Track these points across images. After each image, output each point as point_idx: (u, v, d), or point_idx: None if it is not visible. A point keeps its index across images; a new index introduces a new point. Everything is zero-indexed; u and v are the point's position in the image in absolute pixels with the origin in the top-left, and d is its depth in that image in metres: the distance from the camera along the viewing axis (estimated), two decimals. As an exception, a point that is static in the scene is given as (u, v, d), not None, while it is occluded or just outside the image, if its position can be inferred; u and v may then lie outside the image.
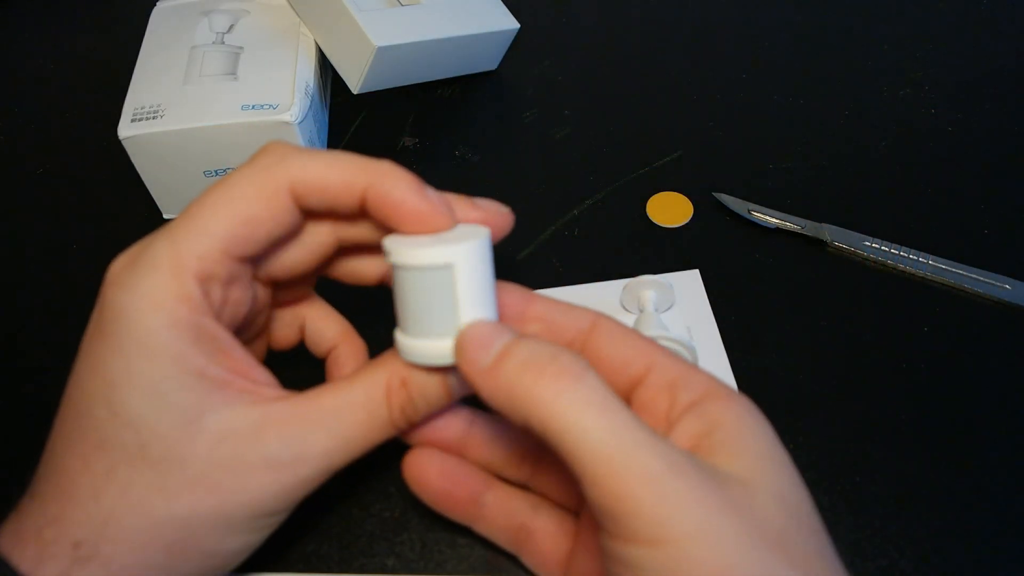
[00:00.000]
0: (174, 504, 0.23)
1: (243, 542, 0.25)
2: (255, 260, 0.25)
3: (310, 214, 0.25)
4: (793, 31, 0.51)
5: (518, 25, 0.47)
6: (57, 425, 0.25)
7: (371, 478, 0.32)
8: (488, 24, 0.45)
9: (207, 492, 0.23)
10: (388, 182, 0.24)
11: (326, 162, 0.24)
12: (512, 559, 0.29)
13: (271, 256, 0.26)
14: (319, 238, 0.26)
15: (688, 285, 0.37)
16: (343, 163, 0.24)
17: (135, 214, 0.42)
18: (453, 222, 0.24)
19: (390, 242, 0.24)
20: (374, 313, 0.30)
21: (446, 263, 0.23)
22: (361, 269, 0.28)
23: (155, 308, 0.23)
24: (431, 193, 0.24)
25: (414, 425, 0.26)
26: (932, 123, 0.45)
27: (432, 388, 0.25)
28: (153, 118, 0.38)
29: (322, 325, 0.30)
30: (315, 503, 0.31)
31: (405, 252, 0.23)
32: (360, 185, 0.24)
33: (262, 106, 0.38)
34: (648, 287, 0.34)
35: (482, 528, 0.28)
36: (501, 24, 0.46)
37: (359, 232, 0.26)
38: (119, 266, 0.24)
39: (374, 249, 0.27)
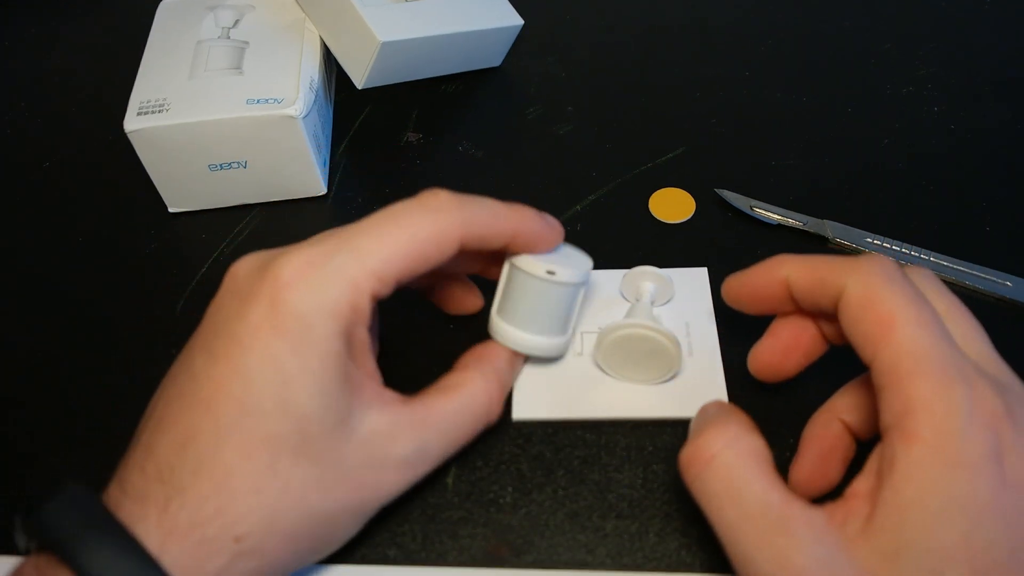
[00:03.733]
0: (328, 499, 0.25)
1: (359, 528, 0.28)
2: None
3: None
4: (796, 28, 0.51)
5: (522, 21, 0.47)
6: (202, 417, 0.24)
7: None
8: (492, 20, 0.45)
9: (354, 489, 0.25)
10: (530, 224, 0.29)
11: (491, 212, 0.28)
12: (513, 550, 0.30)
13: None
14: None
15: (694, 282, 0.37)
16: (499, 212, 0.28)
17: (140, 207, 0.42)
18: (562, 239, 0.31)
19: (524, 261, 0.30)
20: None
21: (582, 281, 0.31)
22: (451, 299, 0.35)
23: (335, 315, 0.25)
24: (550, 219, 0.30)
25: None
26: (934, 121, 0.45)
27: (511, 382, 0.32)
28: (159, 112, 0.38)
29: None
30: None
31: (562, 271, 0.30)
32: (510, 230, 0.29)
33: (267, 100, 0.38)
34: (648, 278, 0.35)
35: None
36: (505, 20, 0.46)
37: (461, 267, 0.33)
38: (297, 269, 0.25)
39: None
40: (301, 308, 0.24)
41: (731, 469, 0.24)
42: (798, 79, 0.48)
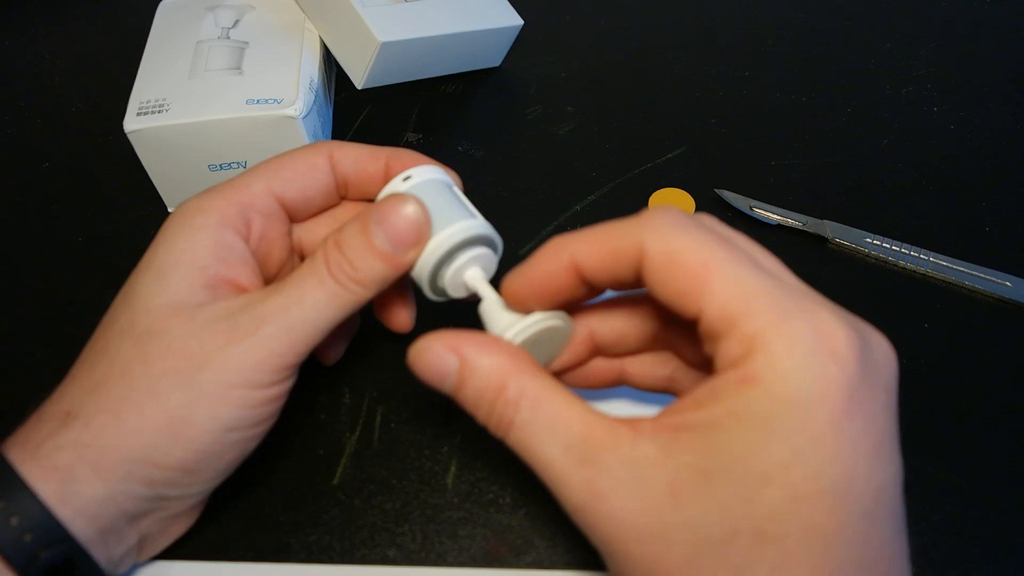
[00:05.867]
0: (148, 369, 0.25)
1: (212, 412, 0.26)
2: (294, 207, 0.30)
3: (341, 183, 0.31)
4: (796, 28, 0.51)
5: (522, 22, 0.47)
6: None
7: (373, 469, 0.32)
8: (492, 20, 0.45)
9: (176, 357, 0.25)
10: (407, 158, 0.30)
11: (355, 144, 0.31)
12: (513, 550, 0.30)
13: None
14: None
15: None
16: (371, 147, 0.31)
17: (140, 207, 0.42)
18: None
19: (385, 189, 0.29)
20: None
21: (441, 177, 0.29)
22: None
23: (194, 212, 0.28)
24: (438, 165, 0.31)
25: (364, 289, 0.27)
26: (934, 121, 0.45)
27: (356, 241, 0.27)
28: (159, 112, 0.38)
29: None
30: (317, 494, 0.31)
31: (417, 172, 0.29)
32: (383, 155, 0.30)
33: (267, 100, 0.38)
34: (468, 265, 0.29)
35: (630, 384, 0.30)
36: (505, 20, 0.46)
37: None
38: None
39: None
40: (171, 217, 0.28)
41: (528, 434, 0.24)
42: (798, 79, 0.48)
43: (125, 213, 0.43)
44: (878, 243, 0.38)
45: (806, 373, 0.21)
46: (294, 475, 0.32)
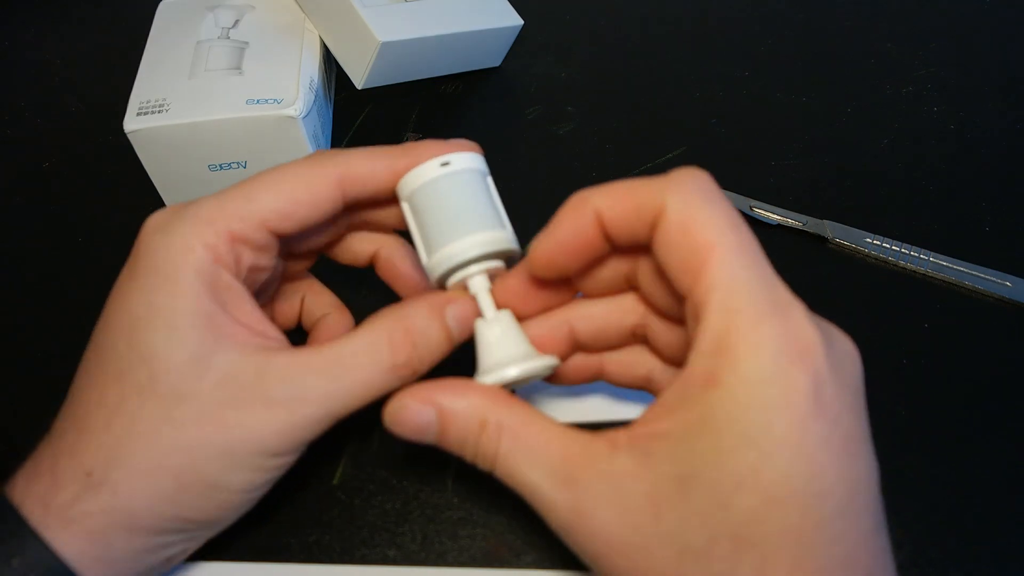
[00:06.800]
0: (179, 434, 0.24)
1: (247, 479, 0.26)
2: (289, 237, 0.28)
3: (351, 204, 0.28)
4: (796, 28, 0.51)
5: (522, 22, 0.47)
6: (81, 365, 0.26)
7: (373, 469, 0.32)
8: (492, 20, 0.45)
9: (211, 425, 0.25)
10: (429, 156, 0.27)
11: (368, 154, 0.27)
12: (513, 550, 0.30)
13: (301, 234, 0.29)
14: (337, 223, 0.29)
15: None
16: (386, 152, 0.28)
17: (140, 207, 0.42)
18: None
19: (412, 175, 0.27)
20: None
21: (481, 168, 0.28)
22: (360, 250, 0.32)
23: (184, 250, 0.25)
24: (462, 142, 0.28)
25: (417, 374, 0.27)
26: (934, 121, 0.45)
27: (433, 332, 0.27)
28: (159, 112, 0.38)
29: (318, 298, 0.33)
30: (317, 494, 0.32)
31: (456, 159, 0.27)
32: (402, 166, 0.27)
33: (267, 100, 0.38)
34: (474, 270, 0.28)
35: (608, 381, 0.30)
36: (505, 20, 0.46)
37: (379, 217, 0.30)
38: (160, 216, 0.26)
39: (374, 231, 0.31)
40: (154, 247, 0.26)
41: (512, 463, 0.24)
42: (798, 79, 0.48)
43: (125, 213, 0.43)
44: (878, 243, 0.38)
45: (769, 376, 0.21)
46: (294, 475, 0.32)
